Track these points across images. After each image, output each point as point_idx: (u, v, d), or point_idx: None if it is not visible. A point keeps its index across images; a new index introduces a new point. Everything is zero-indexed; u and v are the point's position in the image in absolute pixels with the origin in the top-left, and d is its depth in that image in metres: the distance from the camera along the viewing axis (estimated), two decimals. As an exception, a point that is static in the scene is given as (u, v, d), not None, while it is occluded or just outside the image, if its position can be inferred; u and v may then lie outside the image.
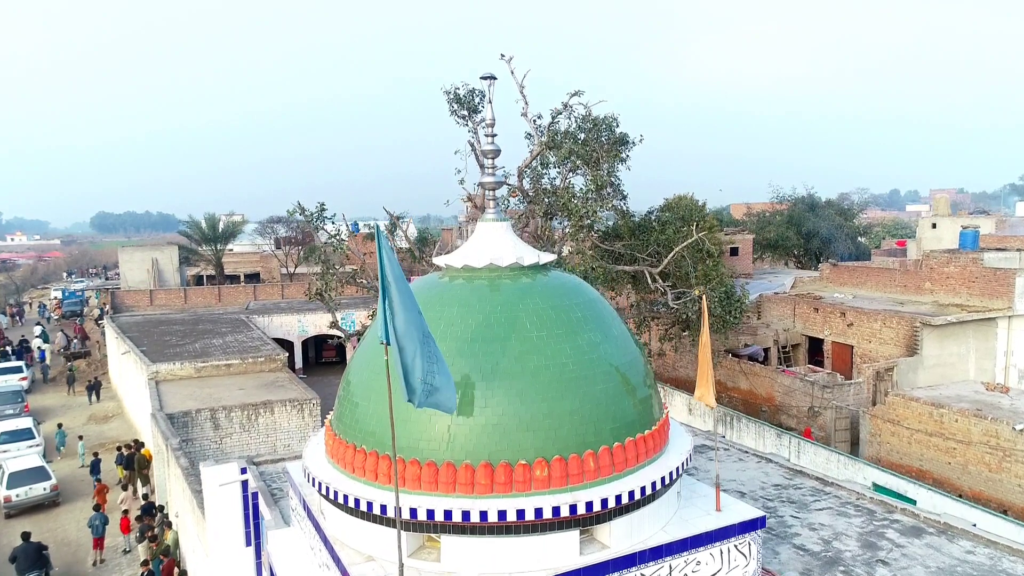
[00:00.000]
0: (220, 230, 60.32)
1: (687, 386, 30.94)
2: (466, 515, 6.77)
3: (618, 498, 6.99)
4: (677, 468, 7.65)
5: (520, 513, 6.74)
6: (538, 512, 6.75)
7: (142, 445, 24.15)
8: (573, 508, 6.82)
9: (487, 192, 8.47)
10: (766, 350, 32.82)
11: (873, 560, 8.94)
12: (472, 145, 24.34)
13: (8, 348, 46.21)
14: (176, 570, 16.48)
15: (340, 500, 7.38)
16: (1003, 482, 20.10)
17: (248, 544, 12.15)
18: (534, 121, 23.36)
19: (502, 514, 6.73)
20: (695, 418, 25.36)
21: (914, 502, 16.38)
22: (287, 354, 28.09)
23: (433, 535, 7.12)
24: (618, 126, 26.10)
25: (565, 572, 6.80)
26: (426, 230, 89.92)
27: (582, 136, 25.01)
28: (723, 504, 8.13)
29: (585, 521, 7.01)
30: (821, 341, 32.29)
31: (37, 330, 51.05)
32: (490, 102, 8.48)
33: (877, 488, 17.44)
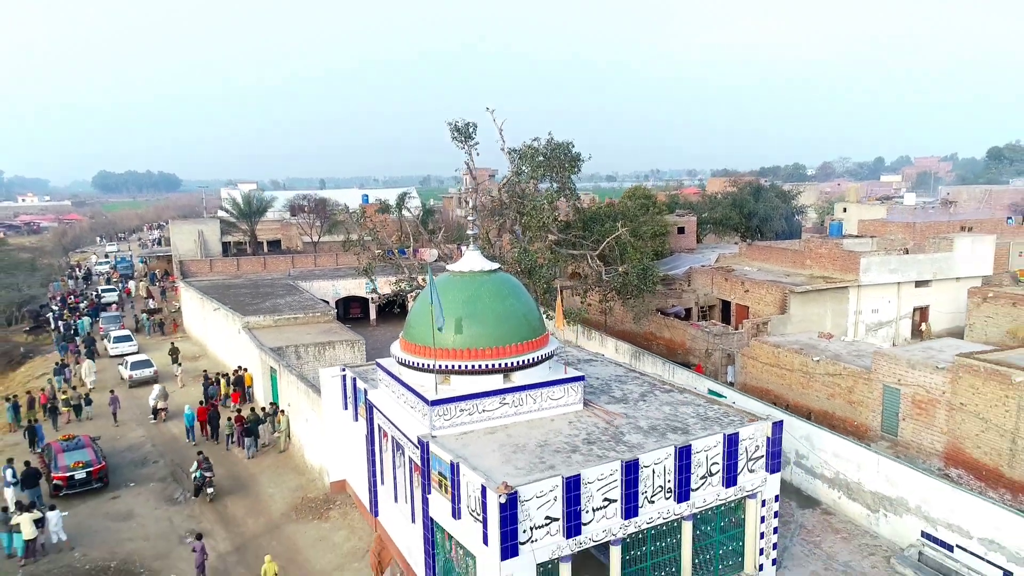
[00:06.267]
0: (254, 206, 71.24)
1: (618, 335, 42.04)
2: (458, 367, 17.86)
3: (518, 362, 18.07)
4: (547, 354, 18.73)
5: (479, 366, 17.81)
6: (485, 367, 17.81)
7: (245, 370, 35.41)
8: (500, 365, 17.90)
9: (470, 240, 19.39)
10: (688, 310, 43.89)
11: (637, 399, 20.01)
12: (468, 165, 35.13)
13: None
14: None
15: (408, 363, 18.49)
16: (809, 395, 31.22)
17: (345, 408, 23.52)
18: (509, 153, 34.08)
19: (473, 366, 17.82)
20: (620, 356, 36.35)
21: (724, 396, 27.49)
22: (336, 310, 39.11)
23: (447, 376, 18.16)
24: (573, 147, 36.92)
25: (495, 390, 17.87)
26: (429, 201, 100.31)
27: (548, 153, 35.86)
28: (568, 372, 19.25)
29: (506, 371, 18.07)
30: (730, 303, 43.40)
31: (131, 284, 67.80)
32: (470, 202, 19.30)
33: (711, 392, 28.54)
